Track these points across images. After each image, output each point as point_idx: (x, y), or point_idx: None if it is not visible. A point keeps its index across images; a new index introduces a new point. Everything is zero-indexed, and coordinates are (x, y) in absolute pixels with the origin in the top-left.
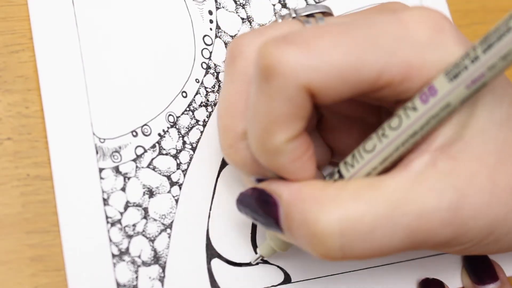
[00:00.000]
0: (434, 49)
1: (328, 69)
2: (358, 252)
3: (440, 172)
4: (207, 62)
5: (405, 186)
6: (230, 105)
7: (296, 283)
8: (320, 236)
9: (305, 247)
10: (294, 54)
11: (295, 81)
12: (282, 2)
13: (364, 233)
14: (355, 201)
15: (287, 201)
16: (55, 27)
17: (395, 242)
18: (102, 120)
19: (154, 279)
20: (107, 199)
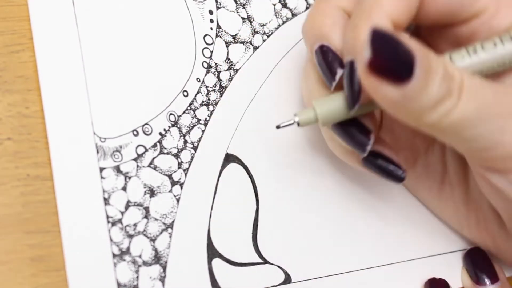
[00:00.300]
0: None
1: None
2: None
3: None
4: (208, 61)
5: None
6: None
7: (296, 283)
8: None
9: (430, 96)
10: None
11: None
12: (282, 2)
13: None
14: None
15: (425, 52)
16: (55, 27)
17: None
18: (103, 120)
19: (155, 279)
20: (108, 198)
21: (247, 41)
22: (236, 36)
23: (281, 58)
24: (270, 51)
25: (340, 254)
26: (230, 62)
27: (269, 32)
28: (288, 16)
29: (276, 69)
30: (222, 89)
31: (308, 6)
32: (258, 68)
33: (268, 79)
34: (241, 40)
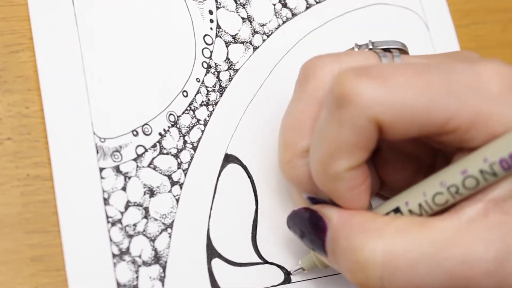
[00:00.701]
0: (504, 103)
1: (400, 107)
2: (396, 286)
3: (491, 223)
4: (207, 61)
5: (453, 230)
6: (296, 122)
7: (296, 283)
8: (363, 264)
9: (345, 273)
10: (370, 87)
11: (366, 113)
12: (282, 2)
13: (405, 267)
14: (401, 236)
15: (336, 226)
16: (55, 27)
17: (435, 283)
18: (103, 120)
19: (154, 279)
20: (108, 198)
21: (247, 41)
22: (236, 36)
23: (281, 58)
24: (270, 51)
25: None
26: (230, 62)
27: (269, 32)
28: (288, 16)
29: (276, 69)
30: (222, 89)
31: (308, 6)
32: (258, 68)
33: (268, 79)
34: (241, 40)
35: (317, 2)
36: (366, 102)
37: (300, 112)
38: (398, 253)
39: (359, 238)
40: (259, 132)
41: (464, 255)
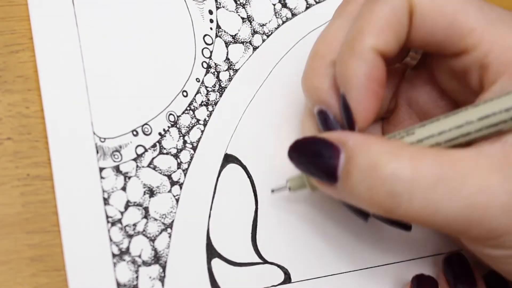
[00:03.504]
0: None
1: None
2: (415, 207)
3: (509, 162)
4: (207, 61)
5: (472, 160)
6: (330, 34)
7: (296, 283)
8: (385, 179)
9: (360, 195)
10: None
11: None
12: (282, 2)
13: (426, 187)
14: (423, 156)
15: (352, 146)
16: (55, 27)
17: (452, 210)
18: (103, 120)
19: (154, 279)
20: (108, 198)
21: (246, 41)
22: (236, 36)
23: (280, 58)
24: (269, 51)
25: (340, 254)
26: (229, 62)
27: (269, 32)
28: (288, 16)
29: (276, 69)
30: (222, 89)
31: (308, 6)
32: (258, 68)
33: (268, 79)
34: (240, 40)
35: (317, 2)
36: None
37: (335, 27)
38: (420, 172)
39: (381, 155)
40: (259, 132)
41: (483, 185)
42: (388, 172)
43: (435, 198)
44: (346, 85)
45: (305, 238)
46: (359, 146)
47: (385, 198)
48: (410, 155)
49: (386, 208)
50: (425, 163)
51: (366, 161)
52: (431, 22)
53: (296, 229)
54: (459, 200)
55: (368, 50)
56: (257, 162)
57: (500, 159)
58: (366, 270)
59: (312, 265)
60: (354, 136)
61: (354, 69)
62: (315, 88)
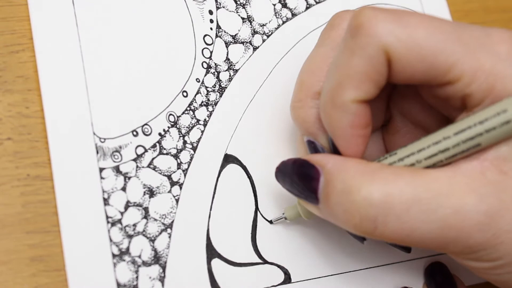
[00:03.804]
0: (508, 65)
1: (409, 42)
2: (389, 229)
3: (486, 180)
4: (207, 61)
5: (447, 180)
6: (314, 64)
7: (296, 283)
8: (358, 204)
9: (337, 218)
10: (384, 19)
11: (378, 41)
12: (282, 2)
13: (399, 210)
14: (397, 179)
15: (330, 170)
16: (55, 27)
17: (427, 230)
18: (103, 120)
19: (154, 279)
20: (108, 199)
21: (247, 41)
22: (236, 36)
23: (281, 58)
24: (270, 51)
25: (340, 254)
26: (229, 63)
27: (269, 32)
28: (288, 16)
29: (276, 69)
30: (222, 90)
31: (308, 6)
32: (258, 68)
33: (268, 80)
34: (241, 40)
35: (317, 2)
36: (379, 32)
37: (320, 55)
38: (393, 195)
39: (356, 180)
40: (259, 132)
41: (457, 205)
42: (361, 197)
43: (409, 221)
44: (332, 134)
45: (305, 238)
46: (336, 169)
47: (360, 222)
48: (384, 178)
49: (363, 230)
50: (399, 185)
51: (341, 185)
52: (410, 67)
53: (296, 229)
54: (433, 221)
55: (349, 103)
56: (257, 162)
57: (476, 178)
58: (366, 270)
59: (312, 265)
60: (333, 159)
61: (337, 120)
62: (302, 120)
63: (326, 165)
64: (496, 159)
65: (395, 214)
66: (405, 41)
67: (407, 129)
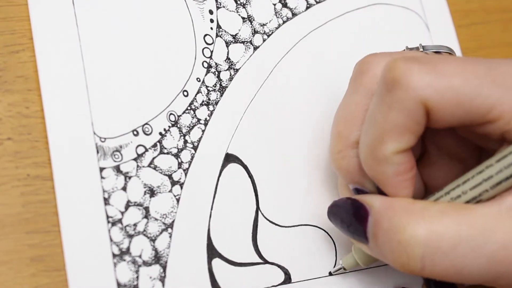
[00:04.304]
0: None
1: (448, 92)
2: (438, 267)
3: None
4: (208, 61)
5: (494, 215)
6: (349, 113)
7: (296, 283)
8: (405, 243)
9: (386, 257)
10: (419, 71)
11: (415, 95)
12: (282, 2)
13: (446, 248)
14: (443, 217)
15: (378, 210)
16: (55, 27)
17: (476, 266)
18: (103, 119)
19: (155, 279)
20: (108, 198)
21: (247, 41)
22: (236, 36)
23: (281, 58)
24: (270, 51)
25: (340, 254)
26: (230, 62)
27: (269, 32)
28: (288, 16)
29: (276, 68)
30: (222, 89)
31: (309, 6)
32: (258, 68)
33: (269, 79)
34: (241, 39)
35: (317, 2)
36: (416, 85)
37: (354, 104)
38: (439, 233)
39: (402, 219)
40: (260, 132)
41: (505, 240)
42: (407, 236)
43: (457, 258)
44: (379, 184)
45: (305, 238)
46: (384, 209)
47: (408, 261)
48: (429, 216)
49: (411, 269)
50: (445, 223)
51: (388, 224)
52: (448, 114)
53: (296, 229)
54: (482, 257)
55: (391, 155)
56: (258, 162)
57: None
58: (366, 270)
59: (312, 265)
60: (380, 199)
61: (382, 172)
62: (346, 171)
63: (374, 205)
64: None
65: (442, 252)
66: (442, 92)
67: (443, 161)
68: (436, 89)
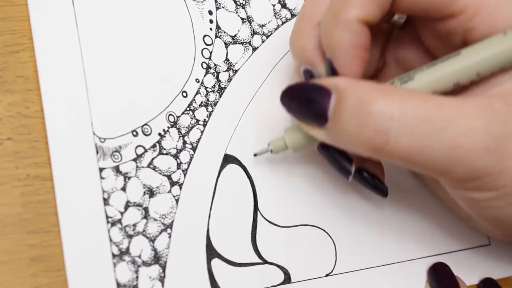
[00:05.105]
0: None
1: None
2: (401, 144)
3: (494, 110)
4: (207, 62)
5: (458, 104)
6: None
7: (296, 283)
8: (374, 116)
9: (349, 133)
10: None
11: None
12: (281, 2)
13: (412, 125)
14: (412, 97)
15: (343, 87)
16: (55, 27)
17: (437, 148)
18: (103, 120)
19: (154, 279)
20: (108, 199)
21: (246, 42)
22: (236, 37)
23: (280, 59)
24: (269, 52)
25: (340, 254)
26: (229, 63)
27: (269, 33)
28: (287, 17)
29: (275, 69)
30: (221, 90)
31: None
32: (257, 68)
33: (267, 80)
34: (240, 40)
35: None
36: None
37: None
38: (408, 110)
39: (372, 94)
40: (258, 133)
41: (467, 126)
42: (377, 109)
43: (421, 137)
44: (332, 53)
45: (305, 238)
46: (349, 86)
47: (374, 135)
48: (399, 95)
49: (374, 145)
50: (413, 103)
51: (355, 99)
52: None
53: (295, 229)
54: (443, 140)
55: (352, 21)
56: (256, 162)
57: (484, 106)
58: (366, 270)
59: (312, 265)
60: (345, 79)
61: (340, 38)
62: (301, 48)
63: (338, 83)
64: (502, 94)
65: (408, 129)
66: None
67: (410, 41)
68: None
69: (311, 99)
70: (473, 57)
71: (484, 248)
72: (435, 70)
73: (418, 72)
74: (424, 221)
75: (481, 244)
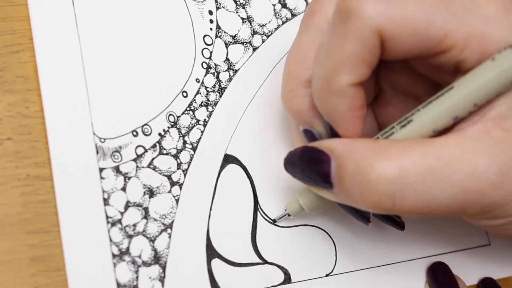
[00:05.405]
0: (497, 26)
1: (401, 20)
2: (408, 203)
3: (493, 139)
4: (207, 62)
5: (457, 145)
6: (300, 52)
7: (296, 283)
8: (375, 182)
9: (355, 198)
10: (374, 1)
11: (370, 23)
12: (282, 2)
13: (415, 182)
14: (409, 152)
15: (340, 153)
16: (55, 27)
17: (444, 197)
18: (103, 120)
19: (154, 279)
20: (108, 199)
21: (246, 42)
22: (236, 37)
23: (280, 59)
24: (269, 52)
25: (340, 254)
26: (229, 63)
27: (269, 33)
28: (287, 17)
29: (276, 69)
30: (222, 90)
31: None
32: (258, 68)
33: (268, 80)
34: (240, 40)
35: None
36: (370, 14)
37: (305, 43)
38: (407, 168)
39: (368, 159)
40: (259, 133)
41: (471, 168)
42: (376, 175)
43: (426, 191)
44: (330, 119)
45: (305, 238)
46: (347, 152)
47: (379, 200)
48: (396, 153)
49: (382, 208)
50: (412, 158)
51: (354, 165)
52: (403, 44)
53: (296, 229)
54: (449, 188)
55: (345, 87)
56: (257, 163)
57: (483, 139)
58: (366, 270)
59: (312, 265)
60: (341, 142)
61: (335, 104)
62: (296, 110)
63: (335, 148)
64: (497, 118)
65: (411, 187)
66: (397, 20)
67: (399, 100)
68: (391, 17)
69: (313, 166)
70: (466, 89)
71: (484, 248)
72: (431, 109)
73: (415, 114)
74: (424, 221)
75: (481, 244)
